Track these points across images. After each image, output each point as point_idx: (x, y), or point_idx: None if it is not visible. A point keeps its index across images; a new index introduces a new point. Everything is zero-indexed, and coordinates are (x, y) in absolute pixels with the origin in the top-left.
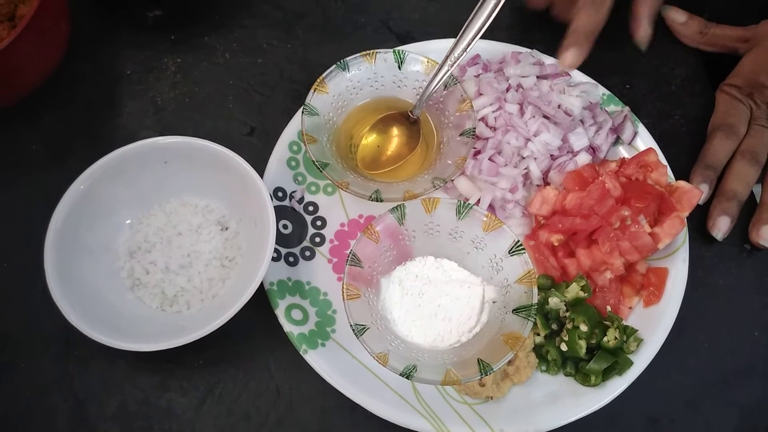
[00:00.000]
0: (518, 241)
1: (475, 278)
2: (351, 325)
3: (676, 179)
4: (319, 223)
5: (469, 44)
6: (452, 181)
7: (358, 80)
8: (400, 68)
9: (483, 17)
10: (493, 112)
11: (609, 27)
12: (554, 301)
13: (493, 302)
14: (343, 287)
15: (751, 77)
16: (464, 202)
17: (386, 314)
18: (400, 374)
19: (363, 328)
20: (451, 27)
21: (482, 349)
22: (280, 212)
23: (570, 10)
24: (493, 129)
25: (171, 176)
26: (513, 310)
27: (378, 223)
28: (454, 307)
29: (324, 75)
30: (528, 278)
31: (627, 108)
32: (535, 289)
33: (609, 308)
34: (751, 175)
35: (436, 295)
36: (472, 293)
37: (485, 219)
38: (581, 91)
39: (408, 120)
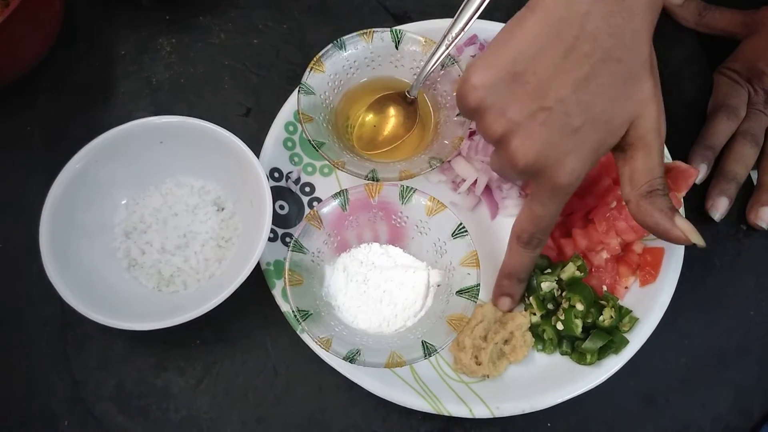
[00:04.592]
0: (461, 223)
1: (420, 263)
2: (293, 311)
3: (673, 160)
4: (315, 203)
5: (466, 24)
6: (449, 161)
7: (355, 59)
8: (397, 48)
9: None
10: None
11: None
12: (547, 285)
13: (438, 285)
14: (284, 274)
15: (750, 63)
16: (407, 187)
17: (330, 301)
18: (344, 358)
19: (305, 314)
20: (448, 7)
21: (427, 331)
22: (277, 193)
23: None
24: None
25: (167, 156)
26: (457, 292)
27: (321, 209)
28: (399, 293)
29: (320, 53)
30: (471, 260)
31: None
32: (479, 270)
33: (605, 288)
34: (751, 157)
35: (382, 281)
36: (417, 278)
37: (428, 203)
38: None
39: (405, 100)
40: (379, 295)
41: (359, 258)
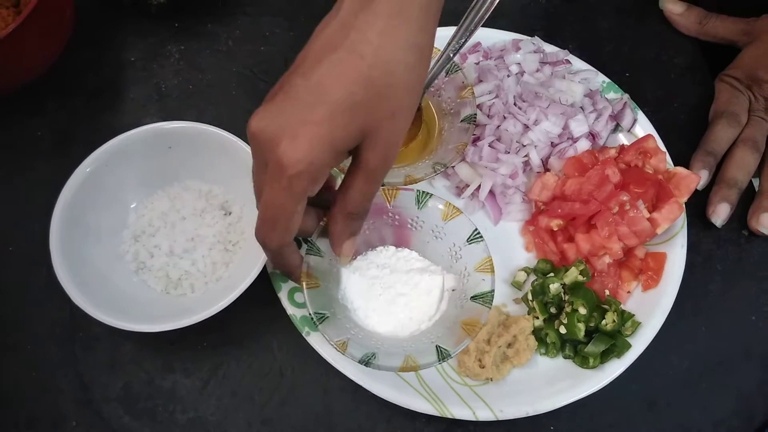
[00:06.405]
0: (476, 229)
1: (435, 267)
2: (310, 314)
3: (675, 166)
4: None
5: (471, 32)
6: (453, 167)
7: None
8: None
9: (485, 5)
10: (491, 99)
11: (611, 14)
12: (555, 287)
13: (453, 290)
14: (302, 277)
15: (750, 71)
16: (423, 192)
17: (346, 303)
18: (359, 361)
19: (322, 317)
20: (453, 15)
21: (441, 336)
22: None
23: None
24: (490, 116)
25: (175, 161)
26: (471, 297)
27: None
28: (414, 296)
29: None
30: (486, 265)
31: (626, 95)
32: (493, 277)
33: (608, 292)
34: (752, 163)
35: (397, 285)
36: (432, 282)
37: (444, 208)
38: (582, 78)
39: None
40: (395, 298)
41: (375, 261)
